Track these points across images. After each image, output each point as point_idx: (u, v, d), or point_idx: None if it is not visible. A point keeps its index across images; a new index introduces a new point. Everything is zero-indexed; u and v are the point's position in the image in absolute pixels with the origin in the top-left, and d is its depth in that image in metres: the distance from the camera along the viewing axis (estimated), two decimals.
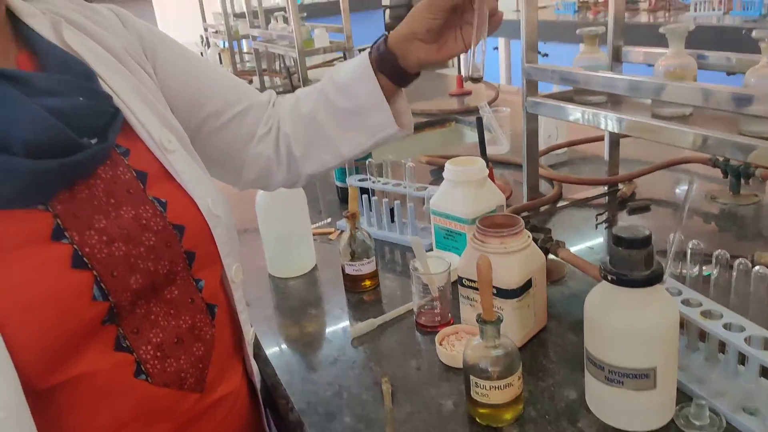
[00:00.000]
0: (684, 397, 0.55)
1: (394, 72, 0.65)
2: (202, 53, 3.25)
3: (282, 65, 2.86)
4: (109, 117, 0.54)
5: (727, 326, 0.53)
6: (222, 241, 0.59)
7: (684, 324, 0.58)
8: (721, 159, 0.97)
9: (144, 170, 0.56)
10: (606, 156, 1.07)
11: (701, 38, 1.32)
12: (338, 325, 0.78)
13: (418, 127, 1.65)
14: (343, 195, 1.17)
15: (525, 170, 0.99)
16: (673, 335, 0.51)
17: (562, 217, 0.99)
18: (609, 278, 0.51)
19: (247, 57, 3.51)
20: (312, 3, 4.62)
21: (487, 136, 1.36)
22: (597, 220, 0.94)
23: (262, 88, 2.60)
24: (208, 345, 0.57)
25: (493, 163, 1.15)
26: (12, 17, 0.54)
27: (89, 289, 0.48)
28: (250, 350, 0.65)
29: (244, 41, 3.43)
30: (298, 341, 0.76)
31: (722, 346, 0.56)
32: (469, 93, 2.01)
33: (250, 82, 2.68)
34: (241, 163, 0.71)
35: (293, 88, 2.22)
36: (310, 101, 0.69)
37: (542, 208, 1.01)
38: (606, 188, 1.05)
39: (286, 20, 2.67)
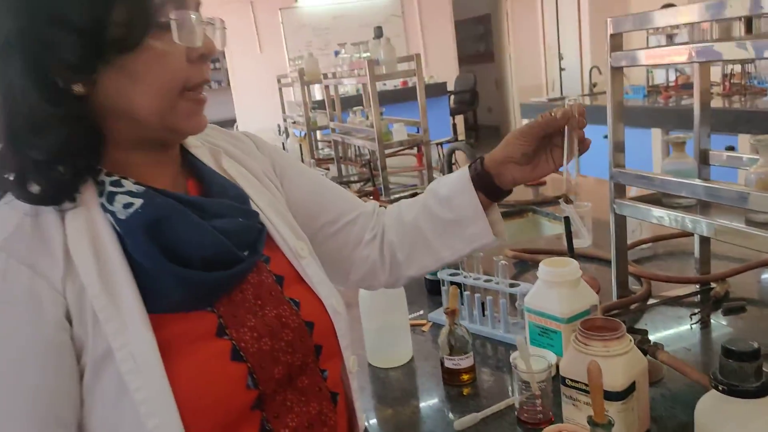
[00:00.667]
0: None
1: (490, 189, 0.73)
2: (283, 144, 3.50)
3: (357, 154, 3.04)
4: (258, 232, 0.64)
5: None
6: (342, 335, 0.66)
7: None
8: None
9: (281, 274, 0.65)
10: (696, 253, 1.09)
11: None
12: (440, 418, 0.82)
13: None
14: (431, 287, 1.23)
15: (614, 269, 1.02)
16: None
17: (653, 315, 1.01)
18: (720, 388, 0.54)
19: (321, 145, 3.75)
20: (380, 91, 4.92)
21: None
22: (692, 320, 0.95)
23: (339, 176, 2.77)
24: (332, 430, 0.63)
25: (576, 258, 1.20)
26: (180, 148, 0.66)
27: (244, 378, 0.57)
28: None
29: (318, 131, 3.67)
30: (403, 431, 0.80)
31: None
32: (543, 183, 2.07)
33: (328, 169, 2.86)
34: (349, 266, 0.79)
35: (372, 177, 2.36)
36: (413, 211, 0.78)
37: (632, 306, 1.03)
38: (698, 287, 1.06)
39: (362, 113, 2.87)
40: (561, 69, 6.70)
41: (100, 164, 0.57)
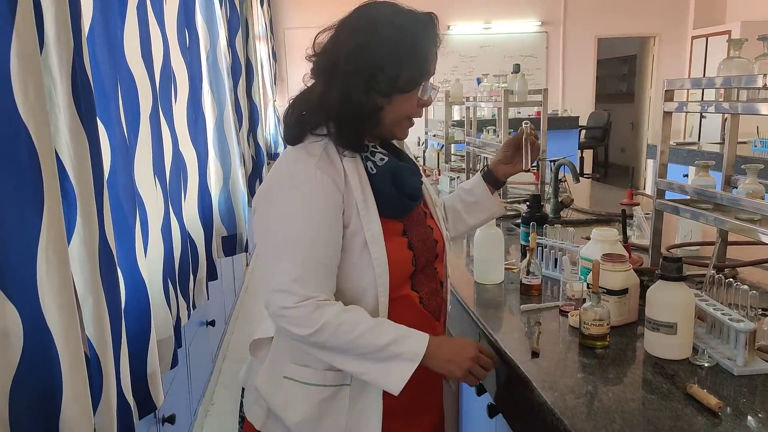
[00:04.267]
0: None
1: (493, 181, 1.33)
2: (423, 152, 4.14)
3: (485, 166, 3.59)
4: (422, 187, 1.17)
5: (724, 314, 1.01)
6: (448, 251, 1.20)
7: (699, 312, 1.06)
8: None
9: (426, 212, 1.17)
10: (714, 252, 1.52)
11: None
12: (516, 306, 1.36)
13: (591, 222, 2.18)
14: (522, 250, 1.76)
15: (650, 246, 1.49)
16: (687, 307, 1.01)
17: None
18: (661, 276, 1.04)
19: (454, 157, 4.33)
20: (512, 118, 5.42)
21: (638, 232, 1.87)
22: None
23: None
24: (442, 300, 1.18)
25: (638, 249, 1.66)
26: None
27: (411, 259, 1.07)
28: None
29: (453, 145, 4.26)
30: (492, 316, 1.36)
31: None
32: (637, 204, 2.48)
33: (459, 177, 3.44)
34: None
35: None
36: (453, 201, 1.37)
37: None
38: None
39: (495, 132, 3.42)
40: (702, 116, 6.70)
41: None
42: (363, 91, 1.01)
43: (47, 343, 0.90)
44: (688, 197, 1.44)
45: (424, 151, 4.17)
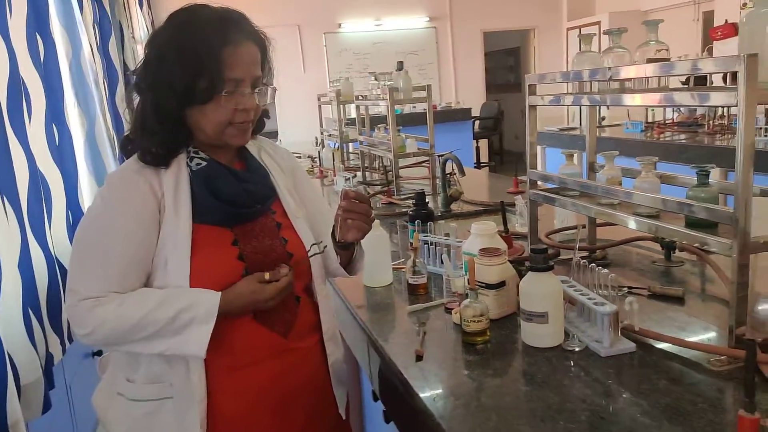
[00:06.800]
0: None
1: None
2: (318, 153, 4.09)
3: (380, 164, 3.61)
4: (267, 196, 1.13)
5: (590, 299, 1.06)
6: (314, 267, 1.14)
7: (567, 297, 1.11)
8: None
9: (281, 222, 1.13)
10: (577, 232, 1.61)
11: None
12: (402, 307, 1.35)
13: (479, 213, 2.24)
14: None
15: (528, 235, 1.55)
16: (557, 296, 1.05)
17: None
18: (531, 267, 1.07)
19: (352, 156, 4.32)
20: (407, 114, 5.51)
21: (521, 219, 1.94)
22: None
23: (364, 180, 3.33)
24: (294, 317, 1.11)
25: (521, 236, 1.72)
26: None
27: (241, 271, 1.04)
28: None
29: (350, 144, 4.25)
30: (379, 320, 1.34)
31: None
32: (522, 192, 2.59)
33: (355, 176, 3.42)
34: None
35: (388, 182, 2.91)
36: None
37: None
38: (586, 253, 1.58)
39: (386, 129, 3.44)
40: None
41: (192, 145, 1.06)
42: (154, 106, 1.02)
43: None
44: (560, 186, 1.50)
45: (320, 152, 4.12)
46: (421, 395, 0.96)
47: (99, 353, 2.53)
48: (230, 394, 1.05)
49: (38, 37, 2.07)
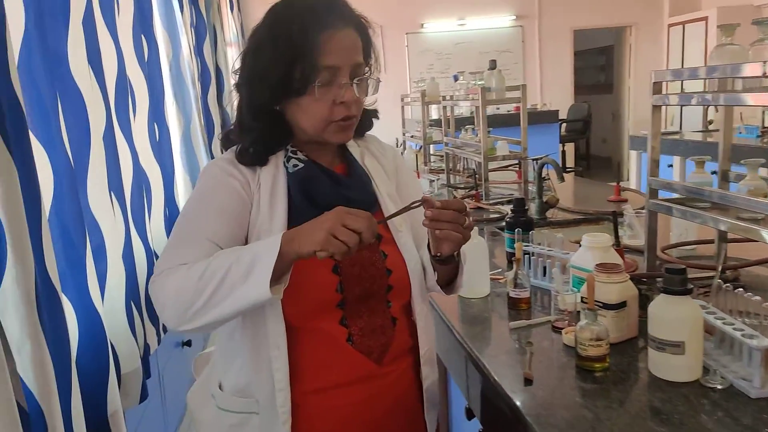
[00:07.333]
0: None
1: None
2: (402, 154, 4.03)
3: (465, 166, 3.50)
4: (369, 204, 1.00)
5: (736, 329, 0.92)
6: (414, 285, 1.00)
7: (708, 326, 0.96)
8: None
9: (381, 235, 0.99)
10: (716, 249, 1.43)
11: None
12: (504, 323, 1.25)
13: (578, 222, 2.09)
14: (509, 257, 1.65)
15: (646, 249, 1.39)
16: (695, 323, 0.91)
17: None
18: (664, 290, 0.94)
19: (432, 158, 4.23)
20: (490, 115, 5.33)
21: (630, 231, 1.78)
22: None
23: (448, 183, 3.23)
24: (389, 340, 0.99)
25: (631, 250, 1.56)
26: (342, 145, 1.05)
27: (336, 284, 0.94)
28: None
29: (432, 145, 4.15)
30: (479, 335, 1.25)
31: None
32: (625, 200, 2.40)
33: (439, 178, 3.33)
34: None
35: (476, 186, 2.80)
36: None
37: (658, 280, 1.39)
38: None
39: (473, 131, 3.33)
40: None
41: (291, 143, 0.98)
42: (249, 102, 0.97)
43: None
44: (683, 195, 1.34)
45: (402, 153, 4.06)
46: (536, 427, 0.86)
47: (188, 344, 2.60)
48: (317, 415, 0.98)
49: (143, 38, 2.14)
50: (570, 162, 7.67)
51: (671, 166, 4.14)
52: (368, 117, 1.06)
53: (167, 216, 2.21)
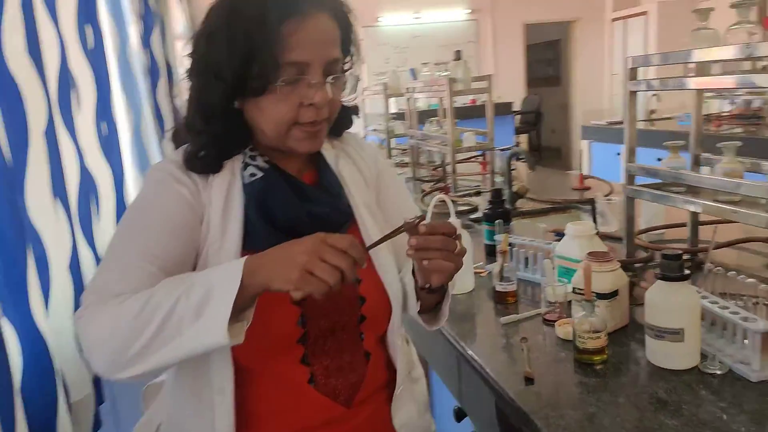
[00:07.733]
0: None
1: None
2: None
3: (429, 160, 3.46)
4: (340, 223, 0.85)
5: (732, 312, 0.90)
6: (395, 315, 0.85)
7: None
8: None
9: None
10: (688, 233, 1.44)
11: None
12: (492, 317, 1.21)
13: (547, 211, 2.08)
14: (488, 250, 1.62)
15: (625, 236, 1.38)
16: (694, 309, 0.89)
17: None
18: (659, 277, 0.91)
19: (394, 152, 4.17)
20: (456, 107, 5.33)
21: (600, 219, 1.78)
22: None
23: (414, 176, 3.19)
24: (360, 378, 0.85)
25: (604, 238, 1.55)
26: None
27: (297, 317, 0.79)
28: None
29: (393, 139, 4.09)
30: (470, 333, 1.21)
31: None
32: (588, 188, 2.42)
33: (403, 173, 3.29)
34: None
35: (444, 177, 2.77)
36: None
37: (636, 264, 1.38)
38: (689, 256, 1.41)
39: (438, 123, 3.29)
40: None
41: (249, 147, 0.83)
42: (200, 96, 0.82)
43: None
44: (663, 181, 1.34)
45: None
46: (545, 429, 0.81)
47: None
48: None
49: (88, 26, 1.98)
50: None
51: (619, 154, 4.24)
52: (347, 114, 0.93)
53: (117, 221, 2.07)
